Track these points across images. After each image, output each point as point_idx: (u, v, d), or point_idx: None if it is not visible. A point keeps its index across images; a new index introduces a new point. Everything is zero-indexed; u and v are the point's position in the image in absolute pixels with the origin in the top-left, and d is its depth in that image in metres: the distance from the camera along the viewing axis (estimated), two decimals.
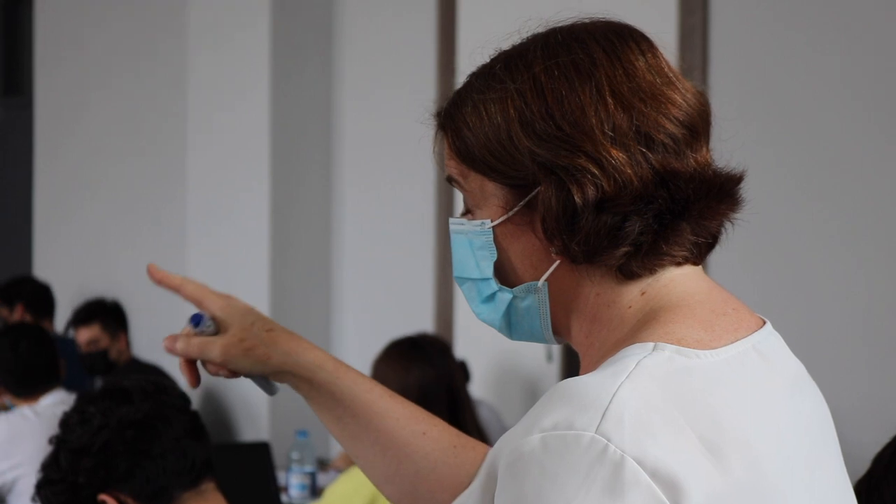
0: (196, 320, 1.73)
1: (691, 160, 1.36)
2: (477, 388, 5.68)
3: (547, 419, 1.25)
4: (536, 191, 1.35)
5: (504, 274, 1.41)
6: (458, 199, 6.04)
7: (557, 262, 1.37)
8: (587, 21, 1.41)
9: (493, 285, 1.41)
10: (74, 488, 2.39)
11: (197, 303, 1.72)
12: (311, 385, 1.64)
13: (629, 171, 1.33)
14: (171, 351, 1.72)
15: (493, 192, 1.39)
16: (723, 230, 1.40)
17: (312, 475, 5.15)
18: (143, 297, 6.83)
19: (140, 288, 6.94)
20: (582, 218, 1.33)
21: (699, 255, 1.39)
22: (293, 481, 5.10)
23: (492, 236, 1.40)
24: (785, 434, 1.34)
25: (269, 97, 6.25)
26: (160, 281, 1.78)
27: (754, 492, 1.27)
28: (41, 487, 2.42)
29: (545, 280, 1.38)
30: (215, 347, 1.67)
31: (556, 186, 1.34)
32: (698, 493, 1.23)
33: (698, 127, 1.37)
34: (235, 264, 6.39)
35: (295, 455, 5.13)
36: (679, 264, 1.38)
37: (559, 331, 1.42)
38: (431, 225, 6.09)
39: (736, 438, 1.28)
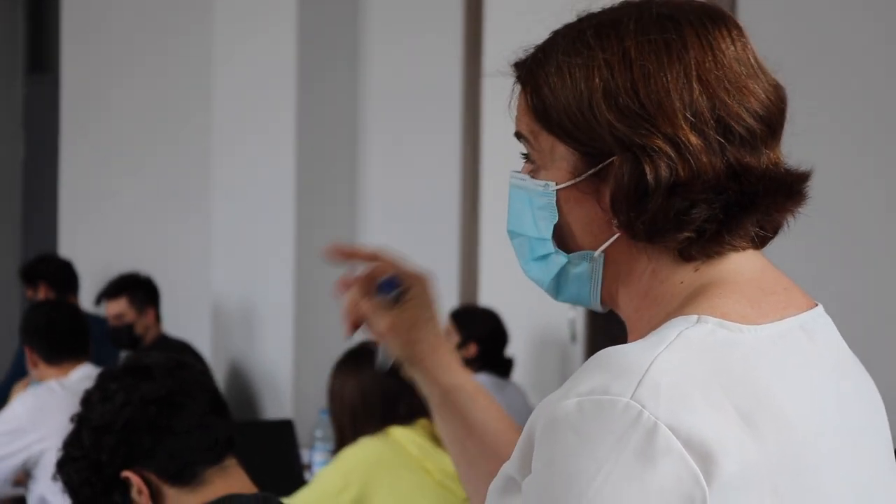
0: (388, 287, 1.71)
1: (765, 157, 1.36)
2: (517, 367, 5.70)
3: (584, 384, 1.26)
4: (609, 162, 1.35)
5: (561, 237, 1.41)
6: (485, 180, 6.02)
7: (617, 234, 1.37)
8: (680, 1, 1.40)
9: (550, 247, 1.41)
10: (97, 466, 2.39)
11: (392, 272, 1.73)
12: (444, 400, 1.70)
13: (704, 158, 1.33)
14: (341, 290, 1.74)
15: (563, 155, 1.38)
16: (785, 223, 1.40)
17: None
18: (168, 275, 6.84)
19: (165, 265, 6.96)
20: (652, 198, 1.33)
21: (759, 245, 1.40)
22: (317, 459, 5.10)
23: (554, 198, 1.39)
24: (827, 415, 1.34)
25: (295, 79, 6.25)
26: (350, 255, 1.77)
27: (788, 467, 1.28)
28: (62, 465, 2.42)
29: (602, 251, 1.38)
30: (384, 321, 1.72)
31: (630, 162, 1.33)
32: (731, 463, 1.23)
33: (776, 123, 1.38)
34: (260, 241, 6.40)
35: (319, 433, 5.14)
36: (739, 251, 1.38)
37: (606, 299, 1.43)
38: (456, 208, 6.09)
39: (774, 413, 1.28)
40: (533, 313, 5.52)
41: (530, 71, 1.41)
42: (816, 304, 1.41)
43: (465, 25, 6.07)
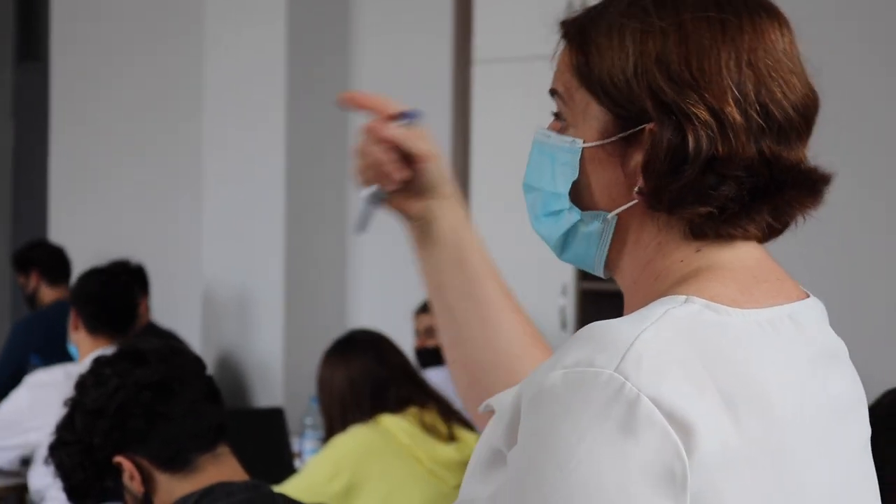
0: (412, 115, 1.72)
1: (797, 150, 1.38)
2: None
3: (569, 357, 1.27)
4: (642, 127, 1.36)
5: (577, 195, 1.42)
6: (475, 170, 6.02)
7: (635, 201, 1.38)
8: None
9: (565, 202, 1.42)
10: (89, 450, 2.38)
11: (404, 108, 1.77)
12: (437, 240, 1.79)
13: (743, 138, 1.34)
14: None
15: (596, 115, 1.39)
16: (795, 221, 1.42)
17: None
18: (159, 264, 6.84)
19: (156, 254, 6.95)
20: (689, 167, 1.34)
21: (766, 237, 1.41)
22: (307, 447, 5.12)
23: (579, 156, 1.40)
24: (806, 403, 1.35)
25: (286, 68, 6.25)
26: (360, 103, 1.79)
27: (767, 452, 1.28)
28: (55, 449, 2.42)
29: (616, 214, 1.40)
30: (425, 140, 1.77)
31: (672, 129, 1.34)
32: (711, 441, 1.24)
33: (811, 121, 1.40)
34: (251, 229, 6.40)
35: (309, 421, 5.15)
36: (747, 239, 1.40)
37: (609, 265, 1.44)
38: None
39: (756, 395, 1.29)
40: (524, 301, 5.52)
41: (581, 28, 1.42)
42: (808, 296, 1.43)
43: (454, 16, 6.08)
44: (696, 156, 1.34)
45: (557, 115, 1.44)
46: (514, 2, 5.63)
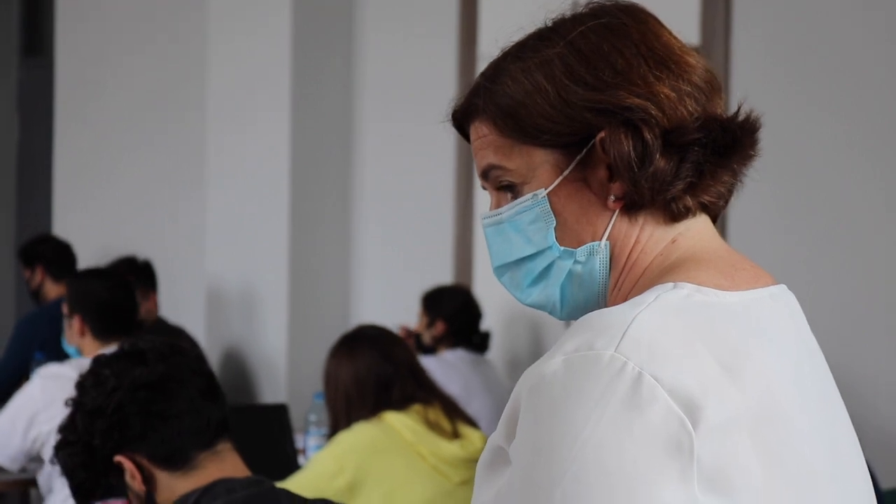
0: None
1: (722, 110, 1.44)
2: (494, 346, 5.72)
3: (569, 344, 1.31)
4: (592, 143, 1.41)
5: (561, 240, 1.45)
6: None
7: (616, 211, 1.42)
8: (606, 2, 1.48)
9: (553, 253, 1.45)
10: (90, 450, 2.40)
11: None
12: None
13: (680, 108, 1.41)
14: None
15: (543, 159, 1.43)
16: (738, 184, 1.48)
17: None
18: (163, 259, 6.84)
19: (160, 249, 6.96)
20: (652, 149, 1.39)
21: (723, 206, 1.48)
22: (311, 443, 5.11)
23: (548, 205, 1.44)
24: (798, 374, 1.40)
25: (290, 64, 6.25)
26: None
27: (768, 416, 1.32)
28: (59, 449, 2.44)
29: (607, 239, 1.43)
30: None
31: (622, 128, 1.40)
32: (715, 409, 1.28)
33: (716, 84, 1.46)
34: (255, 225, 6.40)
35: (312, 417, 5.15)
36: (708, 209, 1.45)
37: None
38: (450, 192, 6.09)
39: (752, 366, 1.33)
40: None
41: (488, 94, 1.46)
42: (780, 283, 1.47)
43: (459, 16, 6.07)
44: (652, 136, 1.39)
45: (502, 188, 1.47)
46: (519, 1, 5.64)
